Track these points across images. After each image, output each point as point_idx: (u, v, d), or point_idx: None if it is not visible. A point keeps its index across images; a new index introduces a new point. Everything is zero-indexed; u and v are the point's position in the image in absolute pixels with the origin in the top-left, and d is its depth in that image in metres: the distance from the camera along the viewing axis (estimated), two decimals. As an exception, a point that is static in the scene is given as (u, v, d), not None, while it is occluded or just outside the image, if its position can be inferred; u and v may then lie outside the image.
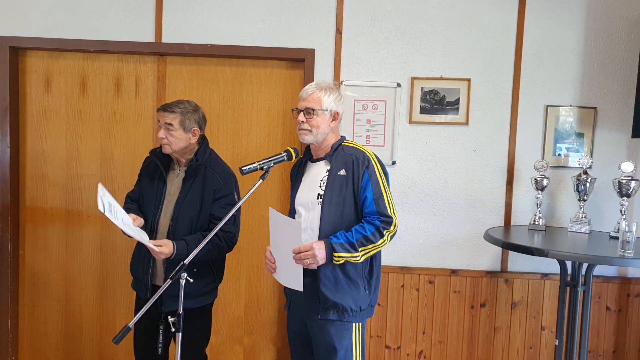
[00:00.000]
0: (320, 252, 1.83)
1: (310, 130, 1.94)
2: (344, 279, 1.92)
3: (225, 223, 2.08)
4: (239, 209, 2.19)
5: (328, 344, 1.92)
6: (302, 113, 1.96)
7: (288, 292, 2.06)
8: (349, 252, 1.85)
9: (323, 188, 1.93)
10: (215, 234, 2.07)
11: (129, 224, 2.03)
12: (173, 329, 1.80)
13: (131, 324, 1.69)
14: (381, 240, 1.89)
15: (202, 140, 2.22)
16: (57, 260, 2.93)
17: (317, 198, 1.94)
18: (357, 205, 1.93)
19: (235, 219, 2.16)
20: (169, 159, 2.22)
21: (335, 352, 1.91)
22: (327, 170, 1.96)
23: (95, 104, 2.87)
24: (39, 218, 2.92)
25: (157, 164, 2.20)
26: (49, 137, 2.89)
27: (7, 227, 2.83)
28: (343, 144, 2.00)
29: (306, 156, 2.07)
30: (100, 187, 1.92)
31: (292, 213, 2.04)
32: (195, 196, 2.12)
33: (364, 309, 1.95)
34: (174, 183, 2.18)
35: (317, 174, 1.99)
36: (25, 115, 2.89)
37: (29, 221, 2.93)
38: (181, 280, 1.78)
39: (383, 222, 1.89)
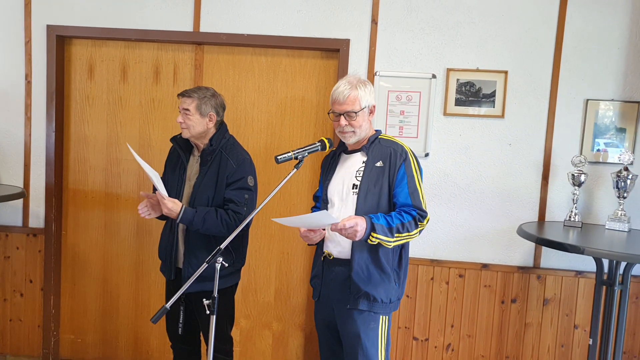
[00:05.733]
0: (362, 229, 1.81)
1: (354, 132, 1.95)
2: (377, 270, 1.93)
3: (237, 204, 2.15)
4: (256, 194, 2.24)
5: (354, 333, 1.93)
6: (342, 117, 1.94)
7: (317, 282, 2.06)
8: (386, 235, 1.85)
9: (359, 178, 1.94)
10: (226, 211, 2.14)
11: (154, 174, 2.14)
12: (208, 312, 1.84)
13: (168, 305, 1.76)
14: (415, 231, 1.90)
15: (220, 126, 2.26)
16: (97, 241, 3.05)
17: (353, 188, 1.95)
18: (392, 198, 1.94)
19: (248, 202, 2.19)
20: (190, 145, 2.29)
21: (360, 342, 1.92)
22: (363, 162, 1.97)
23: (134, 91, 2.97)
24: (80, 200, 3.05)
25: (178, 150, 2.28)
26: (90, 123, 3.01)
27: (51, 208, 2.96)
28: (380, 137, 2.01)
29: (340, 148, 2.08)
30: (130, 148, 2.25)
31: (324, 203, 2.05)
32: (211, 180, 2.19)
33: (393, 301, 1.97)
34: (193, 168, 2.25)
35: (351, 165, 2.00)
36: (69, 101, 3.01)
37: (71, 203, 3.05)
38: (217, 265, 1.83)
39: (419, 214, 1.90)
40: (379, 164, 1.93)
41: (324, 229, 1.98)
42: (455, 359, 2.85)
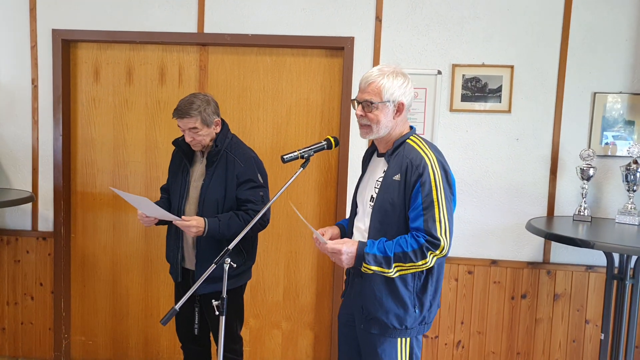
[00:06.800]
0: (347, 258, 1.68)
1: (369, 126, 1.72)
2: (390, 295, 1.73)
3: (255, 203, 2.15)
4: (267, 190, 2.25)
5: (372, 350, 1.81)
6: (360, 105, 1.73)
7: (346, 282, 1.96)
8: (381, 266, 1.65)
9: (376, 190, 1.76)
10: (246, 212, 2.14)
11: (154, 210, 2.10)
12: (217, 312, 1.84)
13: (177, 307, 1.75)
14: (422, 262, 1.65)
15: (222, 126, 2.25)
16: (105, 243, 3.07)
17: (370, 200, 1.79)
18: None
19: (264, 199, 2.20)
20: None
21: (378, 359, 1.79)
22: (383, 171, 1.76)
23: (140, 93, 2.97)
24: (89, 203, 3.06)
25: (180, 153, 2.27)
26: (97, 125, 3.02)
27: (60, 212, 2.98)
28: (407, 140, 1.75)
29: (374, 147, 1.89)
30: (117, 192, 2.11)
31: (353, 206, 1.91)
32: (219, 181, 2.17)
33: (410, 327, 1.76)
34: (198, 170, 2.25)
35: (375, 173, 1.81)
36: (76, 105, 3.02)
37: (80, 206, 3.07)
38: (225, 265, 1.82)
39: (428, 242, 1.64)
40: (396, 177, 1.70)
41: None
42: (466, 355, 2.85)
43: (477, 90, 2.73)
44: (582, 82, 2.69)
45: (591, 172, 2.60)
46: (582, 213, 2.61)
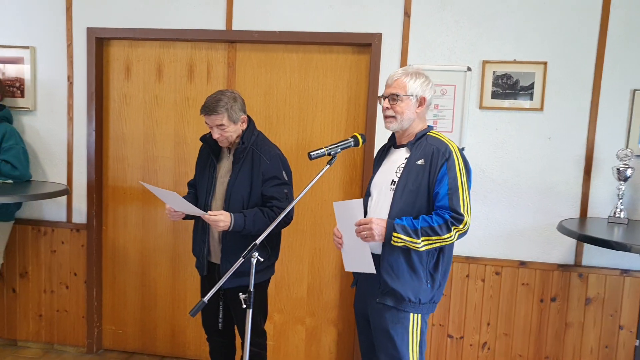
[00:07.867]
0: (377, 227, 1.82)
1: (394, 117, 1.92)
2: (407, 268, 1.89)
3: (280, 200, 2.18)
4: (292, 187, 2.27)
5: (383, 329, 1.93)
6: (387, 99, 1.94)
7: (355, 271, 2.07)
8: (410, 236, 1.81)
9: (398, 175, 1.91)
10: (271, 209, 2.16)
11: (182, 205, 2.15)
12: (244, 305, 1.87)
13: (206, 299, 1.79)
14: (447, 235, 1.82)
15: (248, 123, 2.27)
16: (135, 236, 3.15)
17: (391, 184, 1.92)
18: (431, 198, 1.88)
19: (288, 196, 2.22)
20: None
21: (390, 338, 1.91)
22: (405, 158, 1.93)
23: (170, 89, 3.03)
24: (119, 197, 3.15)
25: (208, 149, 2.30)
26: (128, 121, 3.10)
27: (92, 205, 3.08)
28: (428, 133, 1.95)
29: (390, 142, 2.06)
30: (148, 186, 2.19)
31: (367, 195, 2.05)
32: (245, 178, 2.20)
33: (423, 302, 1.91)
34: (224, 166, 2.27)
35: (395, 160, 1.97)
36: (108, 101, 3.10)
37: (111, 199, 3.16)
38: (252, 260, 1.85)
39: (453, 217, 1.82)
40: (420, 162, 1.88)
41: (342, 243, 1.98)
42: (492, 357, 2.79)
43: (508, 87, 2.66)
44: (620, 79, 2.58)
45: (629, 172, 2.50)
46: (617, 215, 2.51)
